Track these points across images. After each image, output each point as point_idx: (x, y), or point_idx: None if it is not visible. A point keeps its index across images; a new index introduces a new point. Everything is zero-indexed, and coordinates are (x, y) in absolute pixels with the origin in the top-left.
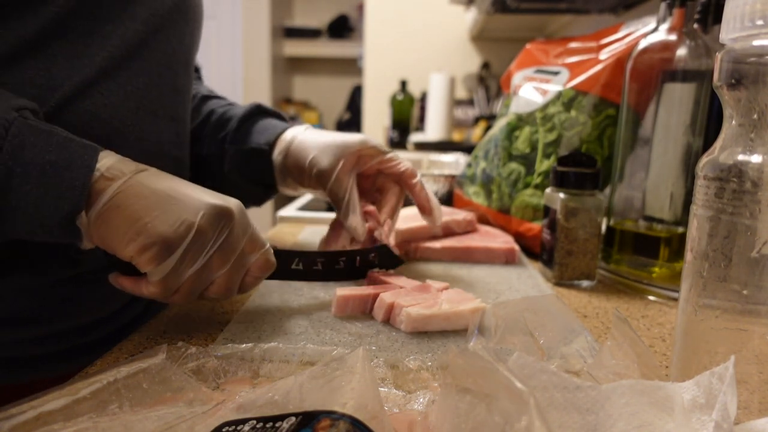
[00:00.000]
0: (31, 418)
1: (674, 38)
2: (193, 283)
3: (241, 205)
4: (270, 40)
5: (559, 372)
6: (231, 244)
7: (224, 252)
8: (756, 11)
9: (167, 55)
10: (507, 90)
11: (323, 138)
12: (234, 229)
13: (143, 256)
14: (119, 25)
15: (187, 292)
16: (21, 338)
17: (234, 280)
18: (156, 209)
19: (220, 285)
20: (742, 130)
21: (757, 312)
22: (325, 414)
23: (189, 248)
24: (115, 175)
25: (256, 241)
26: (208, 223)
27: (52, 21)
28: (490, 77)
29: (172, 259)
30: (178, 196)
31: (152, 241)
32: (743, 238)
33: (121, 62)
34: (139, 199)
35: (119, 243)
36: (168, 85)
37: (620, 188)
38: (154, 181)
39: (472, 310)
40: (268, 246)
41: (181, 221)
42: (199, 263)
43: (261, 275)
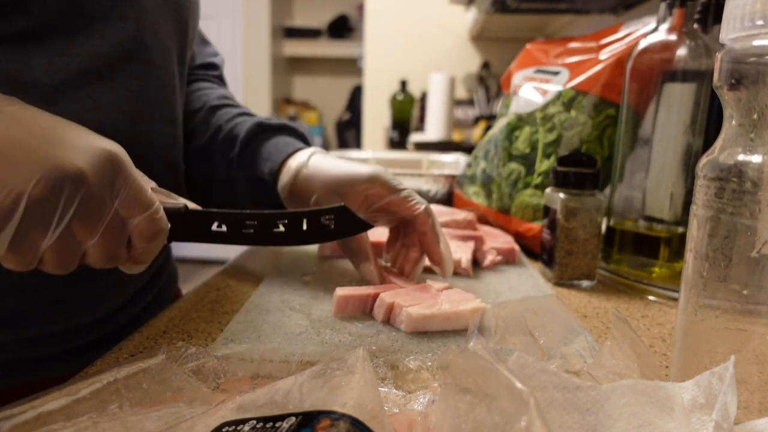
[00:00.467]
0: (31, 418)
1: (674, 38)
2: (57, 256)
3: (111, 157)
4: (270, 40)
5: (559, 372)
6: (92, 210)
7: (85, 221)
8: (756, 11)
9: (161, 55)
10: (507, 90)
11: (330, 171)
12: (91, 193)
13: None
14: (105, 24)
15: (53, 263)
16: (16, 339)
17: (111, 249)
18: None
19: (95, 255)
20: (742, 130)
21: (757, 312)
22: (325, 414)
23: (27, 223)
24: None
25: (134, 202)
26: (44, 190)
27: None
28: (490, 77)
29: (2, 237)
30: (11, 154)
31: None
32: (743, 238)
33: (111, 63)
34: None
35: None
36: (165, 86)
37: (620, 188)
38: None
39: (472, 310)
40: (155, 206)
41: (7, 191)
42: (51, 236)
43: (146, 245)
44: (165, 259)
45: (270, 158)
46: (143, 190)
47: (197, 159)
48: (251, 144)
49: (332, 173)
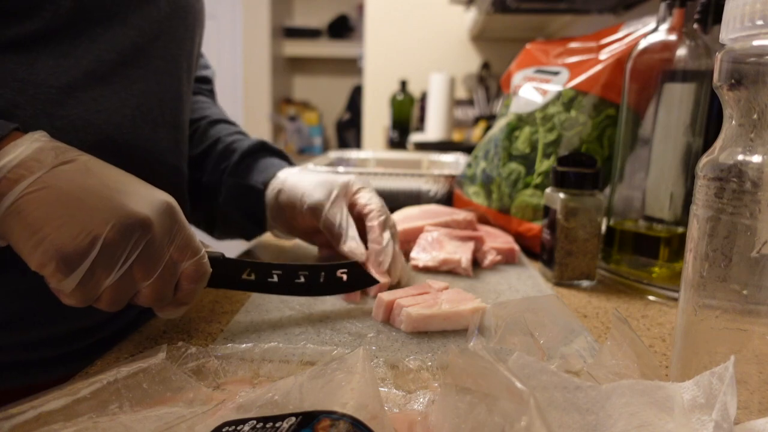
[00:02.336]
0: (31, 418)
1: (674, 38)
2: (114, 294)
3: (170, 208)
4: (270, 40)
5: (559, 372)
6: (152, 254)
7: (145, 263)
8: (756, 11)
9: (167, 62)
10: (507, 90)
11: (314, 177)
12: (155, 239)
13: (45, 271)
14: (109, 29)
15: (108, 301)
16: (17, 342)
17: (162, 290)
18: (59, 217)
19: (147, 296)
20: (742, 130)
21: (757, 312)
22: (325, 414)
23: (97, 262)
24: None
25: (186, 248)
26: (118, 234)
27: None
28: (490, 77)
29: (76, 275)
30: (89, 200)
31: (49, 257)
32: (743, 238)
33: (114, 68)
34: (41, 205)
35: (23, 254)
36: (169, 92)
37: (620, 188)
38: (69, 178)
39: (472, 310)
40: (202, 253)
41: (86, 233)
42: (114, 276)
43: (193, 285)
44: None
45: (265, 171)
46: (193, 237)
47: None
48: (250, 157)
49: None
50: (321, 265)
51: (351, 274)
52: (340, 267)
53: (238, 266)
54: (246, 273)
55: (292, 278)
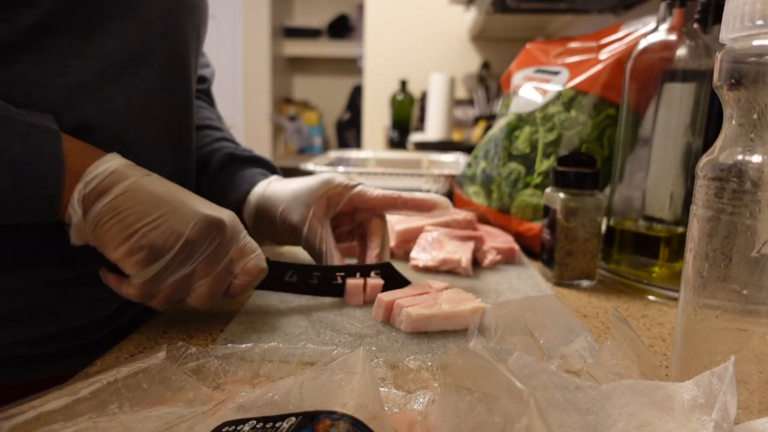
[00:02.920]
0: (31, 418)
1: (674, 38)
2: (173, 290)
3: (235, 216)
4: (270, 40)
5: (559, 372)
6: (218, 254)
7: (210, 261)
8: (756, 11)
9: (173, 60)
10: (507, 90)
11: (289, 188)
12: (223, 240)
13: (130, 259)
14: (119, 26)
15: (165, 297)
16: (19, 338)
17: (216, 289)
18: (150, 216)
19: (201, 294)
20: (742, 130)
21: (757, 312)
22: (325, 414)
23: (175, 257)
24: (119, 178)
25: (246, 247)
26: (198, 234)
27: (48, 16)
28: (490, 77)
29: (157, 265)
30: (174, 203)
31: (140, 245)
32: (743, 238)
33: (124, 65)
34: (136, 204)
35: (109, 244)
36: (175, 91)
37: (620, 188)
38: (155, 186)
39: (472, 310)
40: (259, 252)
41: (172, 230)
42: (183, 271)
43: (250, 281)
44: None
45: (236, 190)
46: (252, 240)
47: None
48: (220, 174)
49: (293, 188)
50: (356, 266)
51: (384, 276)
52: (374, 268)
53: (282, 268)
54: (289, 275)
55: (331, 280)
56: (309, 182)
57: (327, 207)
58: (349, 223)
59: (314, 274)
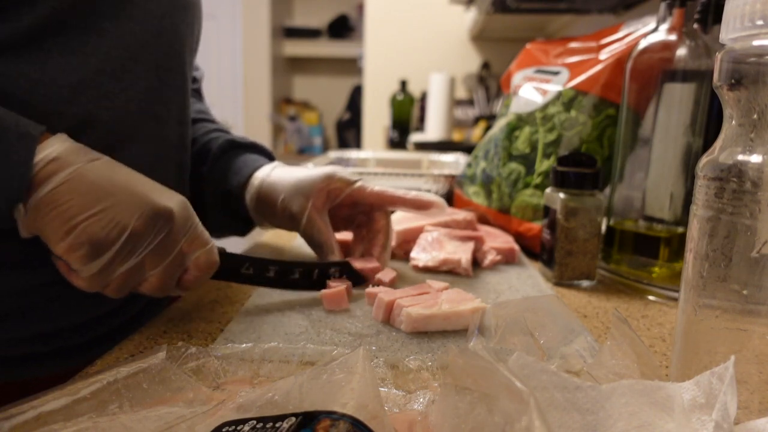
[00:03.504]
0: (31, 418)
1: (674, 38)
2: (124, 280)
3: (186, 203)
4: (270, 40)
5: (559, 372)
6: (167, 245)
7: (158, 253)
8: (756, 11)
9: (171, 57)
10: (507, 90)
11: (291, 177)
12: (172, 230)
13: (72, 255)
14: (117, 24)
15: (116, 288)
16: (12, 337)
17: (168, 279)
18: (91, 208)
19: (153, 284)
20: (742, 130)
21: (757, 312)
22: (325, 414)
23: (120, 250)
24: (60, 166)
25: (197, 239)
26: (144, 225)
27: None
28: (490, 77)
29: (100, 260)
30: (118, 193)
31: (81, 241)
32: (743, 238)
33: (123, 63)
34: (75, 195)
35: (51, 238)
36: (173, 88)
37: (620, 188)
38: (101, 174)
39: (472, 310)
40: (212, 245)
41: (114, 223)
42: (130, 263)
43: (201, 274)
44: None
45: (239, 173)
46: (203, 230)
47: None
48: (221, 160)
49: (295, 177)
50: (315, 263)
51: (342, 273)
52: (333, 266)
53: (238, 260)
54: (245, 267)
55: (288, 274)
56: (311, 174)
57: (326, 199)
58: (349, 211)
59: (271, 268)
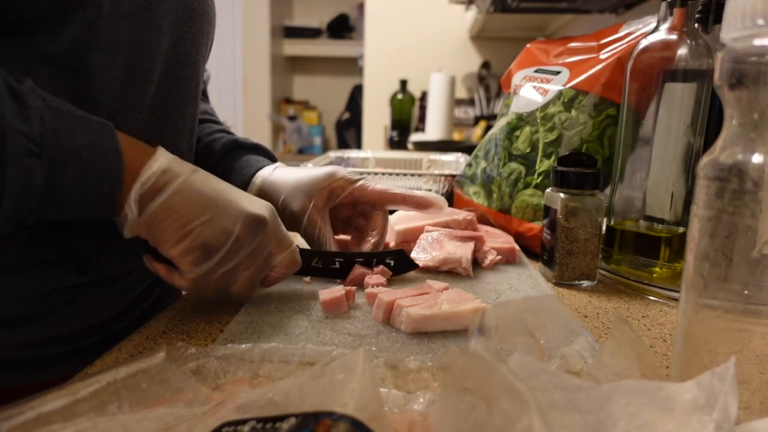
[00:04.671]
0: (30, 419)
1: (675, 38)
2: (221, 281)
3: (273, 210)
4: (270, 39)
5: (560, 372)
6: (260, 248)
7: (253, 255)
8: (757, 11)
9: (186, 66)
10: (507, 90)
11: (292, 176)
12: (266, 235)
13: (186, 257)
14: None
15: (213, 288)
16: (25, 341)
17: (257, 279)
18: (202, 215)
19: (244, 284)
20: (742, 129)
21: (758, 312)
22: (325, 415)
23: (226, 254)
24: (172, 177)
25: (283, 242)
26: (245, 232)
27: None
28: (490, 77)
29: (210, 262)
30: (222, 202)
31: (195, 245)
32: (744, 238)
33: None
34: (188, 203)
35: (166, 242)
36: (185, 94)
37: (621, 188)
38: (204, 183)
39: (473, 311)
40: (295, 246)
41: (222, 230)
42: (230, 265)
43: (286, 272)
44: None
45: (241, 172)
46: (287, 234)
47: None
48: (224, 160)
49: (296, 177)
50: (373, 253)
51: (396, 260)
52: (388, 255)
53: (309, 255)
54: (314, 261)
55: (350, 265)
56: (313, 173)
57: (328, 198)
58: (348, 213)
59: (336, 260)
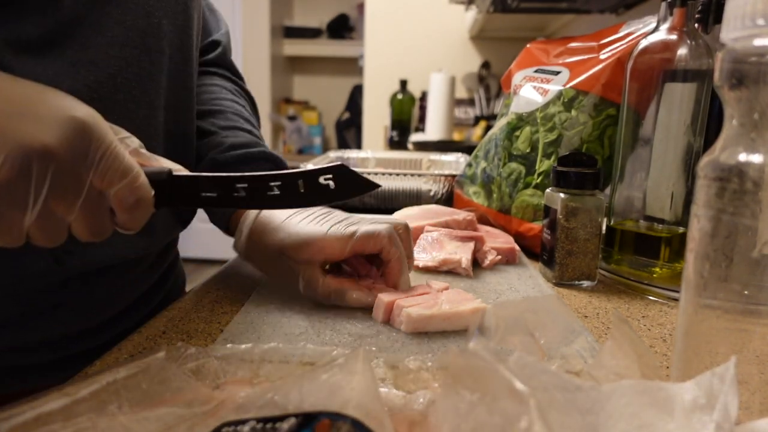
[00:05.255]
0: (30, 419)
1: (675, 38)
2: (42, 231)
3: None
4: (270, 39)
5: (560, 372)
6: (66, 185)
7: (61, 196)
8: (757, 11)
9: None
10: (507, 90)
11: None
12: (63, 168)
13: None
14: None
15: (41, 239)
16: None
17: (94, 223)
18: None
19: (79, 230)
20: (742, 129)
21: (758, 312)
22: (325, 414)
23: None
24: None
25: (109, 172)
26: (12, 170)
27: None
28: (490, 77)
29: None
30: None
31: None
32: (744, 238)
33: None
34: None
35: None
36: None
37: (621, 188)
38: None
39: (473, 311)
40: (133, 174)
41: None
42: (30, 214)
43: (129, 213)
44: (172, 263)
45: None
46: (119, 156)
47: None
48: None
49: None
50: (298, 171)
51: (338, 180)
52: (324, 172)
53: (193, 182)
54: (206, 190)
55: (264, 190)
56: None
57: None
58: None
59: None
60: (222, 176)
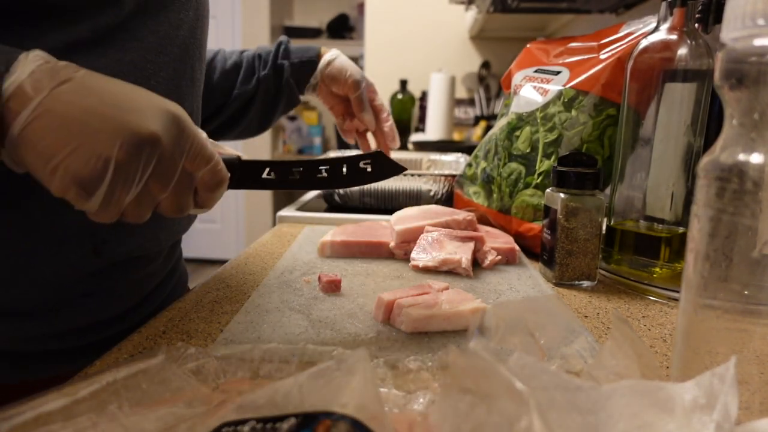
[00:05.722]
0: (30, 419)
1: (675, 38)
2: (137, 208)
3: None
4: (270, 39)
5: (560, 372)
6: (165, 168)
7: (160, 177)
8: (757, 10)
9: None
10: (507, 90)
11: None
12: (165, 153)
13: (67, 197)
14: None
15: (133, 216)
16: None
17: (181, 200)
18: (67, 144)
19: (167, 207)
20: (742, 129)
21: (758, 312)
22: (325, 415)
23: (114, 182)
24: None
25: (198, 157)
26: (128, 153)
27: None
28: (490, 77)
29: (96, 197)
30: (93, 122)
31: (67, 183)
32: (744, 238)
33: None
34: (48, 133)
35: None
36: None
37: (621, 188)
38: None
39: (473, 311)
40: (216, 160)
41: (96, 157)
42: (133, 192)
43: (210, 193)
44: (178, 259)
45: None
46: (204, 144)
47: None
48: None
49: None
50: (342, 157)
51: (375, 164)
52: (363, 158)
53: (257, 167)
54: (266, 173)
55: (314, 173)
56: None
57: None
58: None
59: (295, 170)
60: (281, 162)
